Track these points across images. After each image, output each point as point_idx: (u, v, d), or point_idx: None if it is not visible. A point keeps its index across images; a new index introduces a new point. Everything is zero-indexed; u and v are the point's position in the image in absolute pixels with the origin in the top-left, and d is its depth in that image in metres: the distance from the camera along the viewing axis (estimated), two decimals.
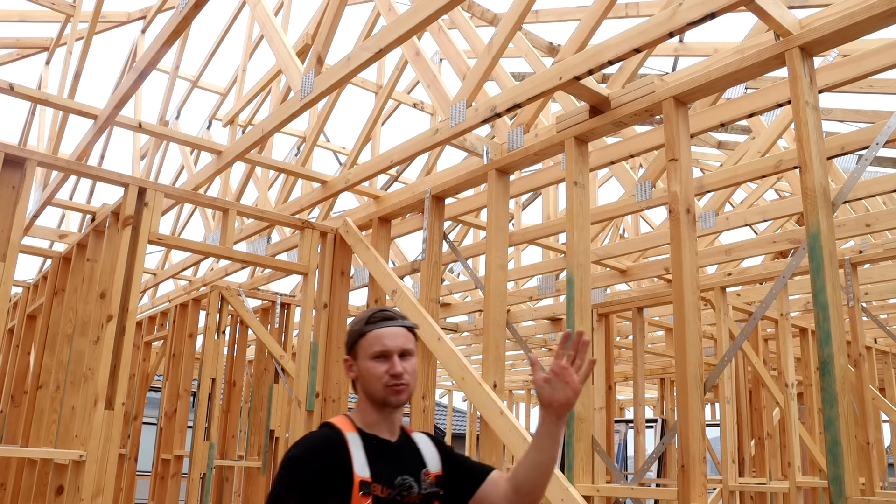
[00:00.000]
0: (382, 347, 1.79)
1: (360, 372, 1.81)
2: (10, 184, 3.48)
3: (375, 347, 1.80)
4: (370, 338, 1.82)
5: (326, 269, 4.52)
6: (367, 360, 1.80)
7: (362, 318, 1.85)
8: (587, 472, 2.93)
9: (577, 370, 1.71)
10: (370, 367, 1.79)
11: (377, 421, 1.80)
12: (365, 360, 1.80)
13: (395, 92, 6.36)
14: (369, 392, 1.80)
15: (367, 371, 1.79)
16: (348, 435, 1.73)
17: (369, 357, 1.80)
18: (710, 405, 10.19)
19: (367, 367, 1.79)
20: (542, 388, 1.72)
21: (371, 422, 1.80)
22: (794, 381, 5.24)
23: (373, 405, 1.81)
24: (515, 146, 3.57)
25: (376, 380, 1.78)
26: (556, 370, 1.71)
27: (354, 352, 1.83)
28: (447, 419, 12.29)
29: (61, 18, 6.17)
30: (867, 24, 2.36)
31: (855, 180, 2.50)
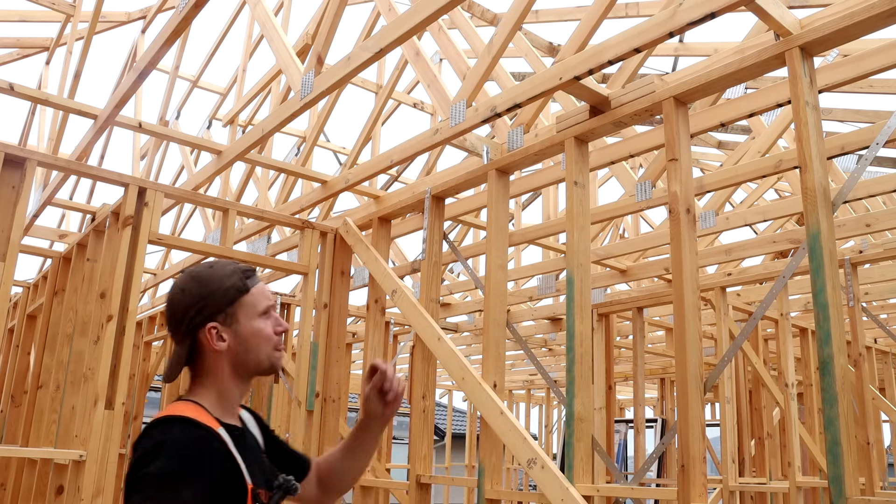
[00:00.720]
0: (269, 302, 1.54)
1: (243, 337, 1.49)
2: (10, 184, 3.48)
3: (263, 303, 1.53)
4: (255, 293, 1.53)
5: (326, 269, 4.52)
6: (254, 319, 1.51)
7: (230, 272, 1.52)
8: (587, 472, 2.93)
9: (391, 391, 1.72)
10: (260, 327, 1.51)
11: (230, 405, 1.51)
12: (251, 320, 1.50)
13: (395, 92, 6.36)
14: (252, 361, 1.51)
15: (256, 333, 1.50)
16: (220, 432, 1.42)
17: (258, 315, 1.52)
18: (710, 405, 10.19)
19: (255, 329, 1.50)
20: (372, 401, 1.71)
21: (227, 406, 1.50)
22: (794, 381, 5.24)
23: (242, 380, 1.52)
24: (515, 146, 3.57)
25: (266, 342, 1.52)
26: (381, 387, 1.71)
27: (231, 314, 1.49)
28: (447, 419, 12.29)
29: (61, 18, 6.17)
30: (867, 24, 2.36)
31: (855, 180, 2.50)
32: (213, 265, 1.53)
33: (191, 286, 1.49)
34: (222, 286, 1.49)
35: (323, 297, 4.46)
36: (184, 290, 1.49)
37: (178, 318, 1.49)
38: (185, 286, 1.50)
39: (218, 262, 1.55)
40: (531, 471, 2.91)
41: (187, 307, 1.48)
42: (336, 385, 4.42)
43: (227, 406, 1.50)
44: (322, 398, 4.35)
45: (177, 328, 1.49)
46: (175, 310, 1.49)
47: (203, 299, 1.48)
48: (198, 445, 1.35)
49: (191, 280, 1.50)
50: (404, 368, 10.54)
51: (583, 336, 3.00)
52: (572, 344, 2.98)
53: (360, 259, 4.49)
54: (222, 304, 1.48)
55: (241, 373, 1.51)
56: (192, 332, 1.48)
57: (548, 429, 12.07)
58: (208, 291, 1.48)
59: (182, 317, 1.48)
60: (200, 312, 1.47)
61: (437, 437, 17.44)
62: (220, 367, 1.49)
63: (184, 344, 1.49)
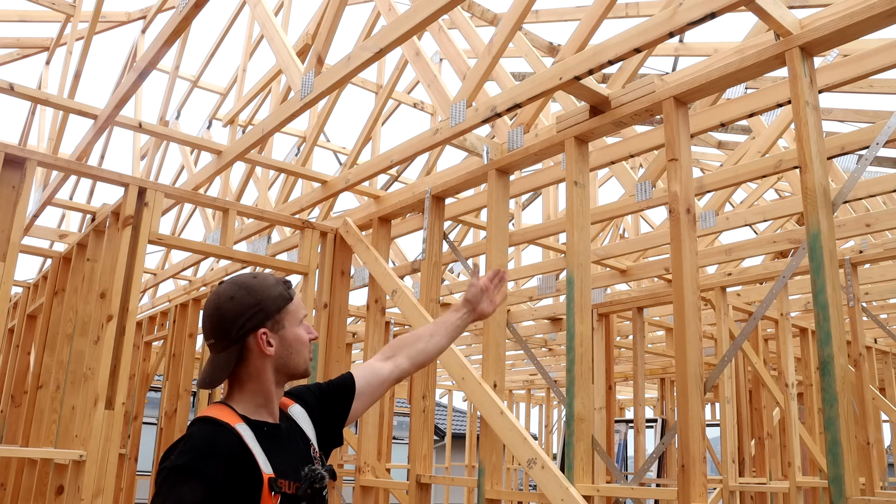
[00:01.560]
0: (305, 311, 1.67)
1: (288, 342, 1.61)
2: (10, 184, 3.48)
3: (302, 311, 1.66)
4: (297, 302, 1.66)
5: (326, 269, 4.52)
6: (296, 325, 1.63)
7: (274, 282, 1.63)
8: (587, 472, 2.93)
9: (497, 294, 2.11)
10: (301, 333, 1.64)
11: (266, 403, 1.60)
12: (294, 328, 1.62)
13: (395, 92, 6.36)
14: (292, 365, 1.62)
15: (298, 339, 1.62)
16: (238, 427, 1.50)
17: (299, 323, 1.64)
18: (710, 405, 10.19)
19: (297, 335, 1.62)
20: (476, 294, 2.06)
21: (258, 405, 1.59)
22: (794, 381, 5.24)
23: (279, 383, 1.63)
24: (515, 146, 3.57)
25: (306, 348, 1.64)
26: (486, 286, 2.10)
27: (279, 320, 1.60)
28: (447, 419, 12.29)
29: (61, 18, 6.17)
30: (867, 24, 2.36)
31: (855, 180, 2.50)
32: (255, 276, 1.63)
33: (241, 294, 1.57)
34: (272, 294, 1.59)
35: (323, 297, 4.46)
36: (233, 297, 1.56)
37: (227, 325, 1.55)
38: (234, 294, 1.57)
39: (259, 273, 1.65)
40: (531, 471, 2.91)
41: (238, 314, 1.55)
42: None
43: (258, 405, 1.57)
44: None
45: (226, 335, 1.55)
46: (225, 317, 1.55)
47: (254, 306, 1.56)
48: (211, 441, 1.45)
49: (239, 289, 1.58)
50: None
51: (583, 336, 3.00)
52: (572, 344, 2.98)
53: (360, 259, 4.49)
54: (272, 311, 1.58)
55: (280, 376, 1.61)
56: (242, 337, 1.56)
57: (548, 429, 12.07)
58: (259, 299, 1.57)
59: (232, 323, 1.55)
60: (252, 319, 1.56)
61: (437, 437, 17.45)
62: (264, 371, 1.58)
63: (231, 350, 1.55)
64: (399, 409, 14.18)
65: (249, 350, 1.56)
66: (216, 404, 1.58)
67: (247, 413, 1.55)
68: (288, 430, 1.62)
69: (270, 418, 1.59)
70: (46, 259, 5.95)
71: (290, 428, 1.64)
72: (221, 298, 1.58)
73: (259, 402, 1.58)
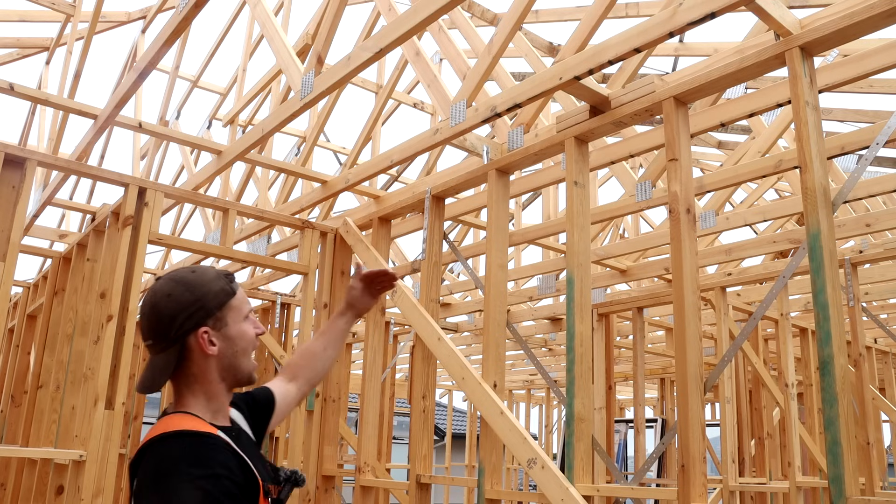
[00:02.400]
0: (250, 306, 1.54)
1: (232, 340, 1.48)
2: (10, 184, 3.48)
3: (246, 306, 1.53)
4: (240, 296, 1.52)
5: (326, 269, 4.52)
6: (240, 322, 1.50)
7: (215, 276, 1.50)
8: (587, 472, 2.93)
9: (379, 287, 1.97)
10: (246, 329, 1.51)
11: (220, 407, 1.49)
12: (238, 324, 1.50)
13: (395, 92, 6.36)
14: (236, 366, 1.50)
15: (243, 336, 1.50)
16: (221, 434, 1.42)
17: (243, 319, 1.51)
18: (710, 405, 10.19)
19: (242, 332, 1.50)
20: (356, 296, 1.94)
21: (214, 410, 1.48)
22: (794, 381, 5.24)
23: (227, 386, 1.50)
24: (515, 146, 3.57)
25: (251, 346, 1.52)
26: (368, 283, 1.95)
27: (220, 317, 1.47)
28: (447, 419, 12.29)
29: (61, 18, 6.17)
30: (867, 24, 2.36)
31: (855, 180, 2.50)
32: (194, 270, 1.51)
33: (179, 291, 1.45)
34: (212, 289, 1.47)
35: (323, 297, 4.46)
36: (170, 295, 1.45)
37: (165, 325, 1.43)
38: (171, 291, 1.45)
39: (198, 266, 1.53)
40: (531, 471, 2.91)
41: (177, 312, 1.43)
42: (336, 385, 4.42)
43: (220, 410, 1.49)
44: (322, 398, 4.35)
45: (164, 335, 1.44)
46: (162, 316, 1.44)
47: (194, 303, 1.44)
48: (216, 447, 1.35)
49: (176, 285, 1.47)
50: (404, 368, 10.54)
51: (583, 336, 3.00)
52: (572, 344, 2.98)
53: (360, 259, 4.49)
54: (213, 308, 1.46)
55: (227, 377, 1.49)
56: (182, 338, 1.44)
57: (548, 429, 12.07)
58: (199, 295, 1.45)
59: (170, 323, 1.43)
60: (192, 317, 1.44)
61: (437, 437, 17.45)
62: (208, 372, 1.46)
63: (170, 351, 1.44)
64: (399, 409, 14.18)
65: (191, 351, 1.45)
66: (177, 415, 1.43)
67: (210, 419, 1.45)
68: (240, 433, 1.55)
69: (226, 421, 1.51)
70: (46, 259, 5.95)
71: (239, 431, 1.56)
72: (157, 296, 1.46)
73: (214, 407, 1.47)
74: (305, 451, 4.24)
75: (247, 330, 1.51)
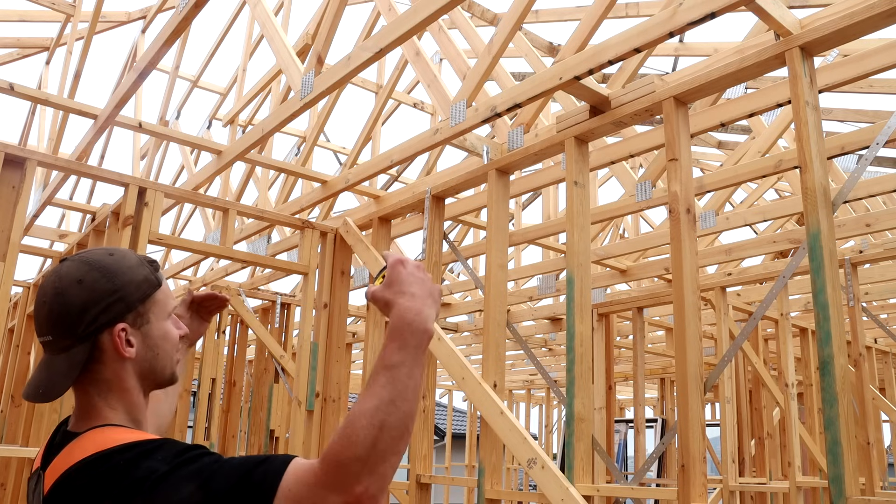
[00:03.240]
0: (175, 302, 1.33)
1: (152, 341, 1.23)
2: (10, 184, 3.48)
3: (171, 302, 1.30)
4: (165, 290, 1.28)
5: (326, 269, 4.52)
6: (163, 319, 1.26)
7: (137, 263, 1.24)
8: (587, 471, 2.93)
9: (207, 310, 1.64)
10: (169, 329, 1.27)
11: (141, 418, 1.25)
12: (161, 322, 1.25)
13: (395, 92, 6.36)
14: (159, 369, 1.25)
15: (166, 336, 1.26)
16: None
17: (167, 316, 1.27)
18: (710, 405, 10.19)
19: (165, 331, 1.26)
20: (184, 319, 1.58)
21: (138, 420, 1.23)
22: (794, 381, 5.24)
23: (145, 394, 1.25)
24: (515, 146, 3.57)
25: (173, 347, 1.28)
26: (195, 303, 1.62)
27: (142, 313, 1.22)
28: (447, 419, 12.30)
29: (61, 18, 6.17)
30: (867, 24, 2.36)
31: (855, 180, 2.50)
32: (112, 252, 1.25)
33: (93, 277, 1.18)
34: (134, 278, 1.21)
35: (323, 297, 4.46)
36: (82, 281, 1.18)
37: (73, 318, 1.16)
38: (83, 277, 1.18)
39: (117, 249, 1.27)
40: (531, 471, 2.91)
41: (88, 303, 1.17)
42: (336, 385, 4.42)
43: (141, 421, 1.24)
44: (322, 398, 4.35)
45: (70, 331, 1.17)
46: (70, 307, 1.16)
47: (111, 294, 1.18)
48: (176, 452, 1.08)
49: (91, 269, 1.19)
50: None
51: (583, 336, 3.00)
52: (572, 344, 2.98)
53: (360, 259, 4.49)
54: (134, 302, 1.20)
55: (145, 384, 1.24)
56: (93, 335, 1.18)
57: (548, 429, 12.07)
58: (118, 285, 1.19)
59: (80, 316, 1.16)
60: (107, 310, 1.18)
61: (437, 437, 17.44)
62: (125, 378, 1.20)
63: (75, 351, 1.17)
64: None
65: (102, 351, 1.18)
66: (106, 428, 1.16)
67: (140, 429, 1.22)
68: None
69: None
70: (46, 259, 5.95)
71: None
72: (65, 281, 1.18)
73: (135, 417, 1.22)
74: (305, 450, 4.24)
75: (169, 329, 1.27)
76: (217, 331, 5.33)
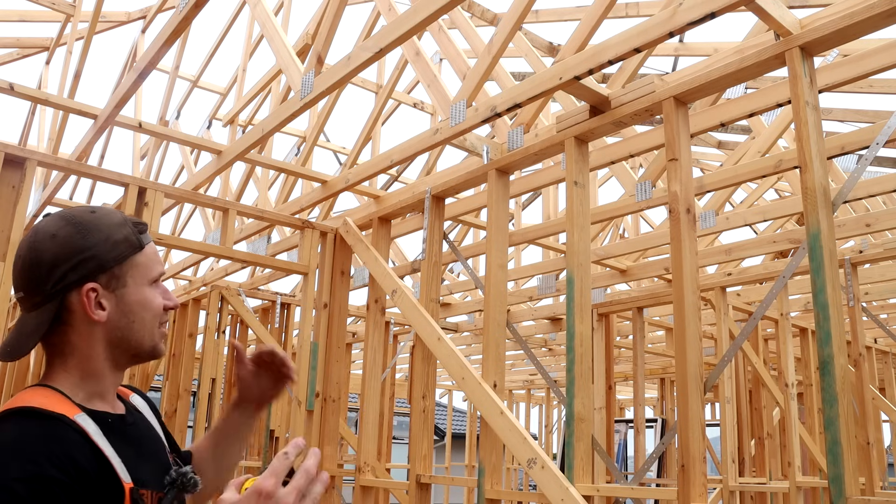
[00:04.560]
0: (162, 269, 1.23)
1: (128, 306, 1.16)
2: (10, 184, 3.48)
3: (157, 268, 1.21)
4: (149, 253, 1.21)
5: (326, 269, 4.52)
6: (144, 286, 1.18)
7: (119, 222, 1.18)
8: (587, 472, 2.93)
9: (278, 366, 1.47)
10: (150, 296, 1.19)
11: (99, 389, 1.16)
12: (141, 287, 1.18)
13: (395, 92, 6.36)
14: (134, 340, 1.17)
15: (145, 303, 1.18)
16: (79, 419, 1.07)
17: (148, 282, 1.19)
18: (710, 405, 10.19)
19: (144, 298, 1.18)
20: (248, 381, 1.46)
21: (91, 392, 1.15)
22: (794, 381, 5.24)
23: (117, 365, 1.18)
24: (515, 146, 3.57)
25: (154, 317, 1.19)
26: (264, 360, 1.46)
27: (118, 275, 1.15)
28: (447, 419, 12.30)
29: (61, 18, 6.17)
30: (867, 24, 2.36)
31: (855, 180, 2.50)
32: (94, 210, 1.19)
33: (67, 232, 1.13)
34: (111, 238, 1.15)
35: (323, 297, 4.46)
36: (55, 236, 1.13)
37: (43, 274, 1.11)
38: (56, 231, 1.13)
39: (101, 207, 1.20)
40: (531, 471, 2.91)
41: (59, 259, 1.11)
42: (336, 385, 4.42)
43: (99, 392, 1.16)
44: (322, 398, 4.35)
45: (38, 286, 1.12)
46: (40, 261, 1.12)
47: (83, 251, 1.12)
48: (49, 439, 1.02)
49: (66, 224, 1.14)
50: (404, 368, 10.54)
51: (583, 336, 3.00)
52: (572, 344, 2.98)
53: (360, 259, 4.49)
54: (108, 261, 1.14)
55: (117, 354, 1.17)
56: (61, 293, 1.12)
57: (548, 429, 12.07)
58: (91, 242, 1.13)
59: (50, 272, 1.11)
60: (77, 268, 1.12)
61: (437, 437, 17.45)
62: (91, 343, 1.15)
63: (44, 308, 1.12)
64: (399, 409, 14.17)
65: (71, 311, 1.13)
66: (37, 388, 1.12)
67: (83, 400, 1.13)
68: (137, 425, 1.22)
69: (109, 408, 1.17)
70: None
71: (138, 422, 1.24)
72: (39, 235, 1.14)
73: (90, 388, 1.15)
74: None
75: (151, 297, 1.19)
76: (217, 331, 5.33)
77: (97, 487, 1.04)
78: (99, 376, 1.16)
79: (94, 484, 1.03)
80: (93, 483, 1.03)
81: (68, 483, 1.00)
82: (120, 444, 1.11)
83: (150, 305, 1.19)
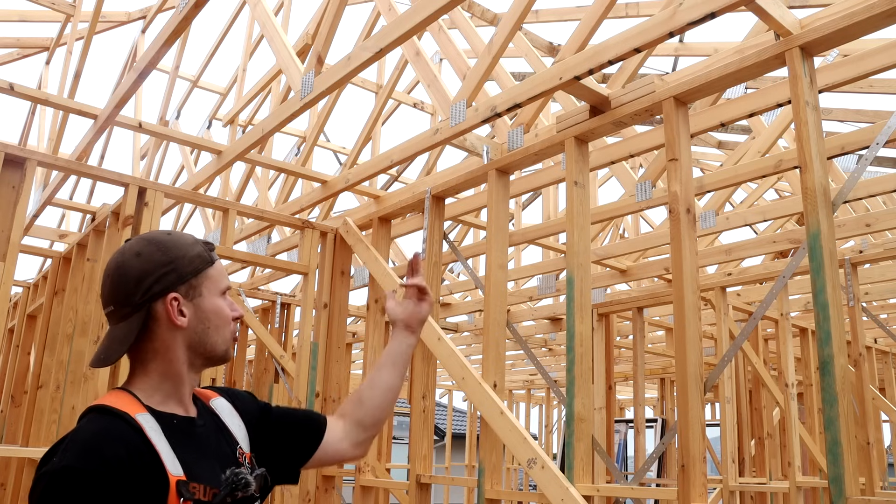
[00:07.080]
0: (228, 283, 1.40)
1: (204, 314, 1.33)
2: (10, 184, 3.48)
3: (224, 282, 1.38)
4: (219, 268, 1.38)
5: (326, 269, 4.52)
6: (216, 296, 1.35)
7: (192, 241, 1.36)
8: (587, 472, 2.93)
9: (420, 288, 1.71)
10: (222, 305, 1.36)
11: (176, 389, 1.32)
12: (212, 298, 1.34)
13: (395, 92, 6.36)
14: (210, 343, 1.34)
15: (217, 313, 1.35)
16: (139, 417, 1.23)
17: (219, 293, 1.36)
18: (710, 405, 10.19)
19: (217, 307, 1.35)
20: (397, 311, 1.69)
21: (167, 393, 1.31)
22: (794, 381, 5.24)
23: (194, 367, 1.35)
24: (515, 146, 3.57)
25: (226, 324, 1.36)
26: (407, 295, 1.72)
27: (195, 286, 1.32)
28: (447, 419, 12.30)
29: (61, 18, 6.17)
30: (867, 24, 2.36)
31: (855, 180, 2.50)
32: (170, 232, 1.37)
33: (150, 250, 1.31)
34: (188, 254, 1.33)
35: (323, 297, 4.46)
36: (140, 254, 1.30)
37: (131, 287, 1.28)
38: (141, 250, 1.31)
39: (173, 230, 1.40)
40: (531, 471, 2.91)
41: (145, 273, 1.28)
42: (336, 385, 4.42)
43: (175, 393, 1.32)
44: (322, 398, 4.35)
45: (127, 299, 1.28)
46: (128, 277, 1.28)
47: (166, 265, 1.29)
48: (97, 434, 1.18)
49: (148, 244, 1.32)
50: None
51: (583, 336, 3.00)
52: (572, 344, 2.98)
53: (360, 259, 4.49)
54: (186, 274, 1.31)
55: (194, 356, 1.33)
56: (147, 303, 1.29)
57: (548, 429, 12.07)
58: (172, 257, 1.30)
59: (137, 285, 1.28)
60: (161, 280, 1.28)
61: (437, 437, 17.45)
62: (173, 347, 1.30)
63: (132, 319, 1.28)
64: (399, 409, 14.18)
65: (156, 320, 1.29)
66: (114, 391, 1.29)
67: (152, 403, 1.28)
68: (207, 426, 1.36)
69: (182, 410, 1.32)
70: (46, 259, 5.94)
71: (210, 423, 1.37)
72: (125, 255, 1.31)
73: (168, 390, 1.31)
74: None
75: (223, 307, 1.36)
76: None
77: (143, 477, 1.16)
78: (177, 377, 1.32)
79: (140, 473, 1.16)
80: (137, 473, 1.16)
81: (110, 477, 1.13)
82: (181, 443, 1.25)
83: (222, 313, 1.36)
